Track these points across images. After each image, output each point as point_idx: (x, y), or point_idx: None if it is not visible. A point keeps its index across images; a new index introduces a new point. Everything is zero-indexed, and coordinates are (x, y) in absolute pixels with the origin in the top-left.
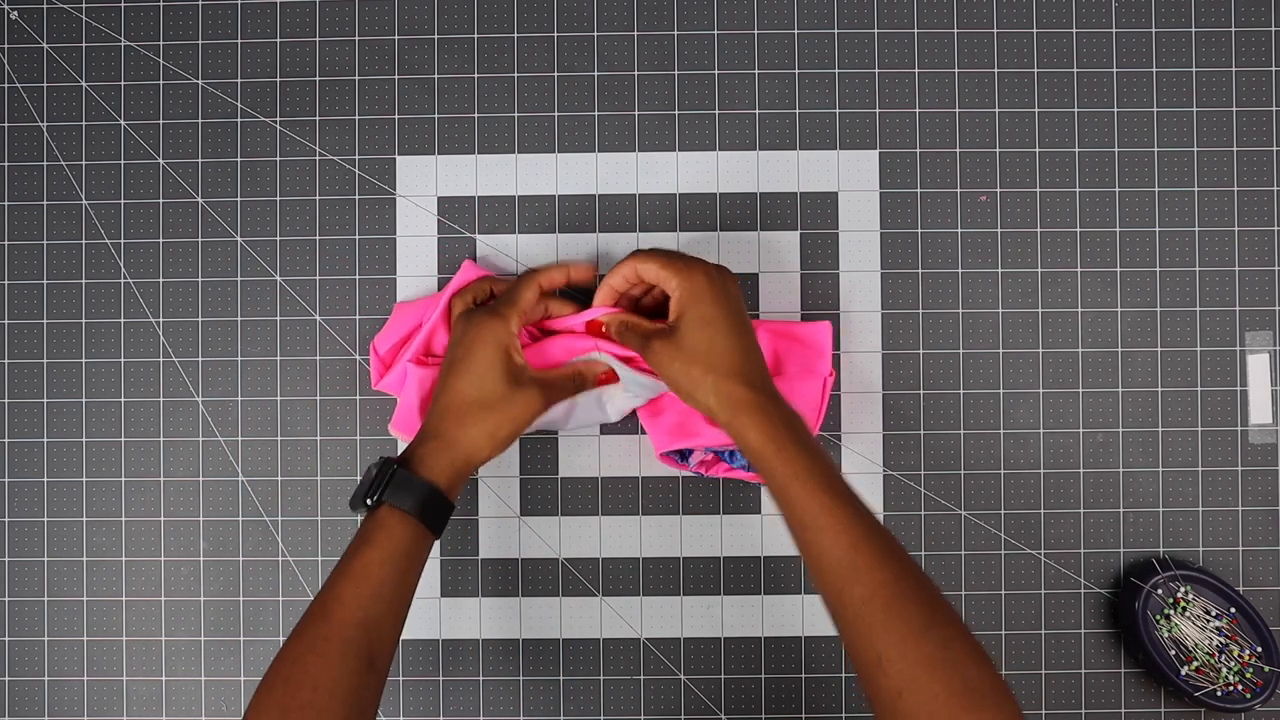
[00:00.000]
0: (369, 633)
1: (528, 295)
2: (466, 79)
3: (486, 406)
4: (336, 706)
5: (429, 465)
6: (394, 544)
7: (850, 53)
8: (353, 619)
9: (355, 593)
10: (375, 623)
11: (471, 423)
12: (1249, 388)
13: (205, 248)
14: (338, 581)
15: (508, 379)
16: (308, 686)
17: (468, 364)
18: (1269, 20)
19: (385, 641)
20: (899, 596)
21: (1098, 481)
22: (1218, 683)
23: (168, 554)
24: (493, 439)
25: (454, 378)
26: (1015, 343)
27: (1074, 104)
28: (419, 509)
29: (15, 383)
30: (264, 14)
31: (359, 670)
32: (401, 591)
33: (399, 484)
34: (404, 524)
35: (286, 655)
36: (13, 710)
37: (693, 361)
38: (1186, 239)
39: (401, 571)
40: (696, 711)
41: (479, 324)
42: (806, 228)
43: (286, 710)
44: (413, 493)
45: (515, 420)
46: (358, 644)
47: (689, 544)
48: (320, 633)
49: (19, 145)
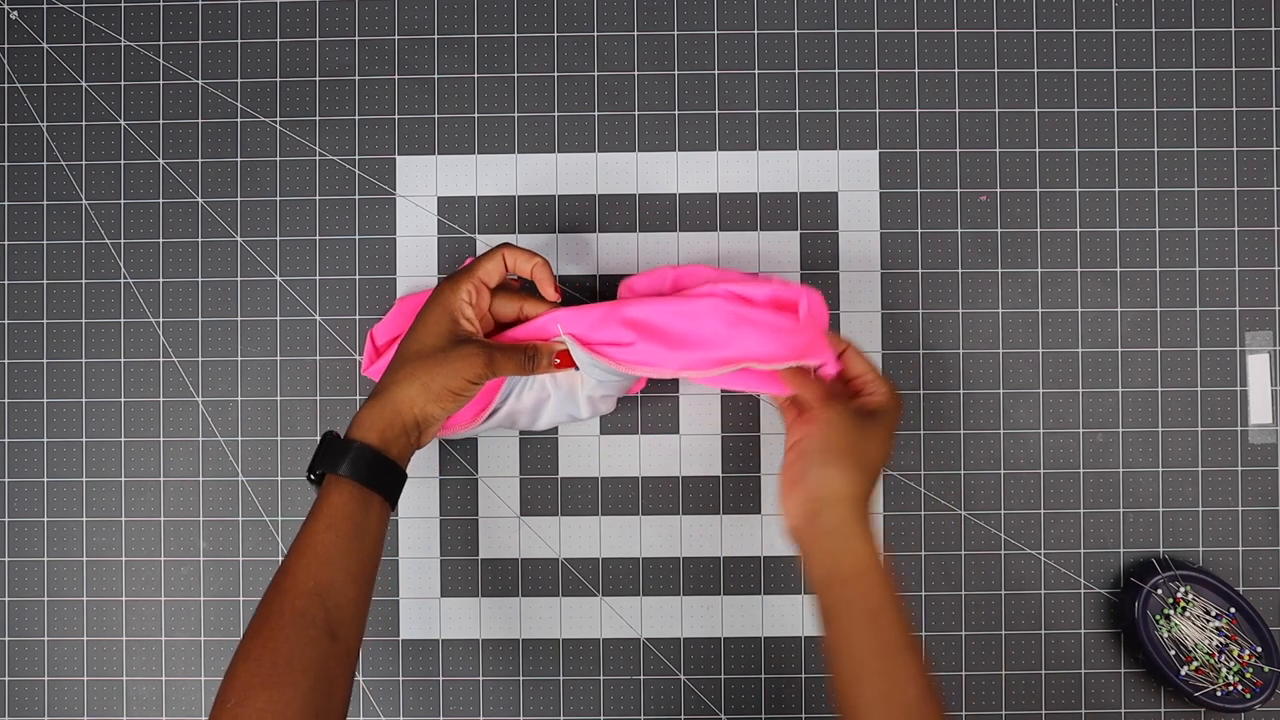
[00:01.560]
0: (323, 600)
1: (488, 265)
2: (466, 79)
3: (422, 359)
4: (299, 679)
5: (360, 424)
6: (334, 509)
7: (850, 53)
8: (303, 588)
9: (303, 562)
10: (328, 589)
11: (405, 376)
12: (1249, 388)
13: (205, 248)
14: (288, 556)
15: (448, 335)
16: (267, 662)
17: (416, 324)
18: (1269, 20)
19: (344, 609)
20: None
21: (1098, 481)
22: (1218, 683)
23: (168, 554)
24: (426, 390)
25: (404, 339)
26: (1015, 343)
27: (1074, 104)
28: (352, 470)
29: (15, 383)
30: (264, 14)
31: (319, 640)
32: (355, 556)
33: (331, 450)
34: (340, 486)
35: (247, 634)
36: (13, 710)
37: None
38: (1186, 239)
39: (349, 535)
40: (696, 711)
41: (436, 290)
42: (806, 228)
43: (250, 688)
44: (345, 455)
45: (451, 374)
46: (312, 614)
47: (689, 544)
48: (274, 606)
49: (19, 145)
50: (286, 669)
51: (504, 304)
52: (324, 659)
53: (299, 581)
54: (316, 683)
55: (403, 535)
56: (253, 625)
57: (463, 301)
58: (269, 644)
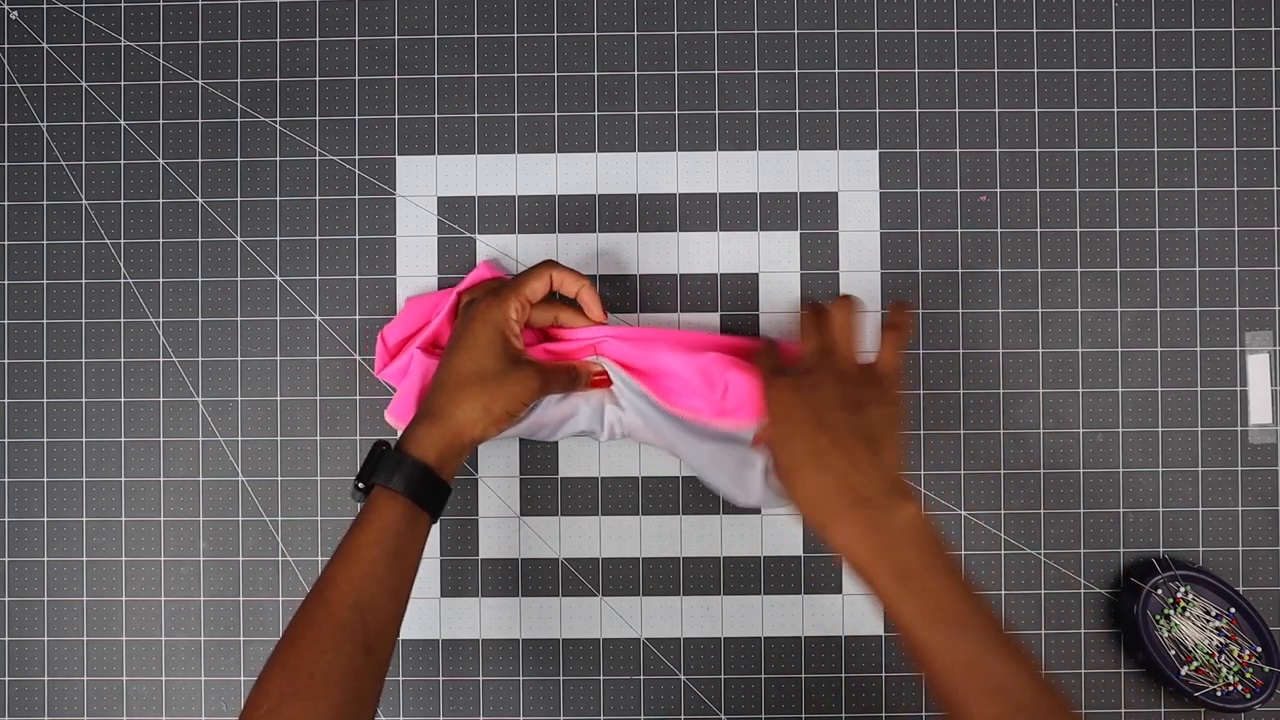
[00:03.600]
0: (364, 615)
1: (535, 284)
2: (466, 79)
3: (482, 381)
4: (333, 691)
5: (419, 442)
6: (384, 524)
7: (850, 53)
8: (346, 601)
9: (348, 575)
10: (369, 605)
11: (466, 398)
12: (1249, 388)
13: (205, 248)
14: (331, 565)
15: (505, 356)
16: (304, 672)
17: (466, 342)
18: (1269, 20)
19: (382, 625)
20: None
21: (1098, 481)
22: (1218, 683)
23: (168, 554)
24: (487, 413)
25: (452, 356)
26: (1015, 343)
27: (1074, 104)
28: (407, 487)
29: (15, 383)
30: (264, 14)
31: (354, 654)
32: (397, 573)
33: (387, 464)
34: (394, 503)
35: (284, 641)
36: (13, 710)
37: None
38: (1186, 239)
39: (394, 552)
40: (696, 711)
41: (479, 305)
42: (806, 228)
43: (284, 696)
44: (401, 471)
45: (511, 397)
46: (352, 627)
47: (689, 544)
48: (314, 617)
49: (19, 145)
50: (323, 681)
51: (540, 313)
52: (359, 672)
53: (342, 594)
54: (349, 695)
55: None
56: (291, 633)
57: (512, 320)
58: (306, 654)
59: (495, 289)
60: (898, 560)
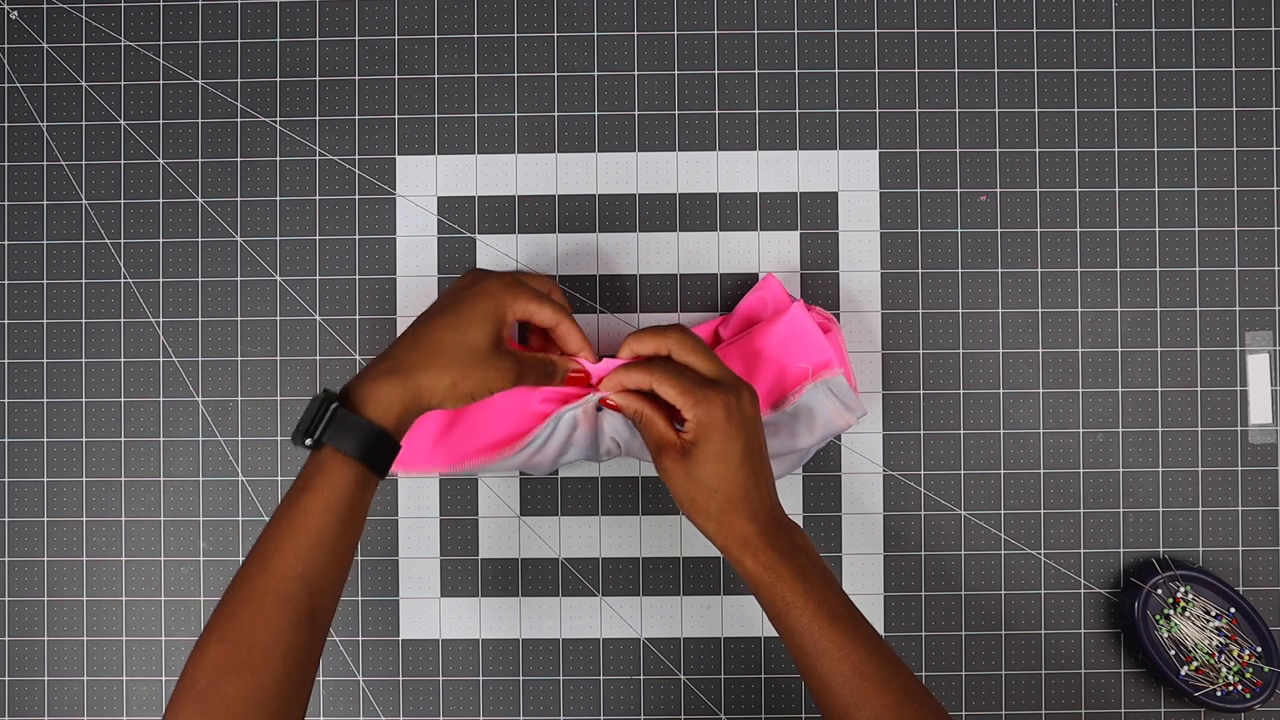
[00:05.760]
0: (309, 585)
1: (546, 313)
2: (466, 79)
3: (459, 356)
4: (274, 664)
5: (379, 401)
6: (335, 490)
7: (850, 53)
8: (291, 571)
9: (293, 544)
10: (316, 574)
11: (439, 365)
12: (1249, 388)
13: (205, 248)
14: (276, 530)
15: (491, 339)
16: (244, 645)
17: (460, 308)
18: (1269, 20)
19: (327, 593)
20: (903, 719)
21: (1098, 481)
22: (1218, 683)
23: (168, 554)
24: (454, 389)
25: (438, 317)
26: (1015, 343)
27: (1074, 104)
28: (362, 452)
29: (15, 383)
30: (264, 14)
31: (297, 625)
32: (345, 540)
33: (341, 424)
34: (346, 467)
35: (223, 610)
36: (13, 710)
37: (700, 490)
38: (1186, 239)
39: (343, 519)
40: (696, 711)
41: (491, 282)
42: (806, 228)
43: (222, 670)
44: (355, 434)
45: (484, 381)
46: (296, 598)
47: (689, 544)
48: (257, 586)
49: (19, 145)
50: (263, 655)
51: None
52: (302, 644)
53: (287, 564)
54: (291, 668)
55: (403, 535)
56: (229, 602)
57: (513, 315)
58: (247, 627)
59: (514, 277)
60: (800, 566)
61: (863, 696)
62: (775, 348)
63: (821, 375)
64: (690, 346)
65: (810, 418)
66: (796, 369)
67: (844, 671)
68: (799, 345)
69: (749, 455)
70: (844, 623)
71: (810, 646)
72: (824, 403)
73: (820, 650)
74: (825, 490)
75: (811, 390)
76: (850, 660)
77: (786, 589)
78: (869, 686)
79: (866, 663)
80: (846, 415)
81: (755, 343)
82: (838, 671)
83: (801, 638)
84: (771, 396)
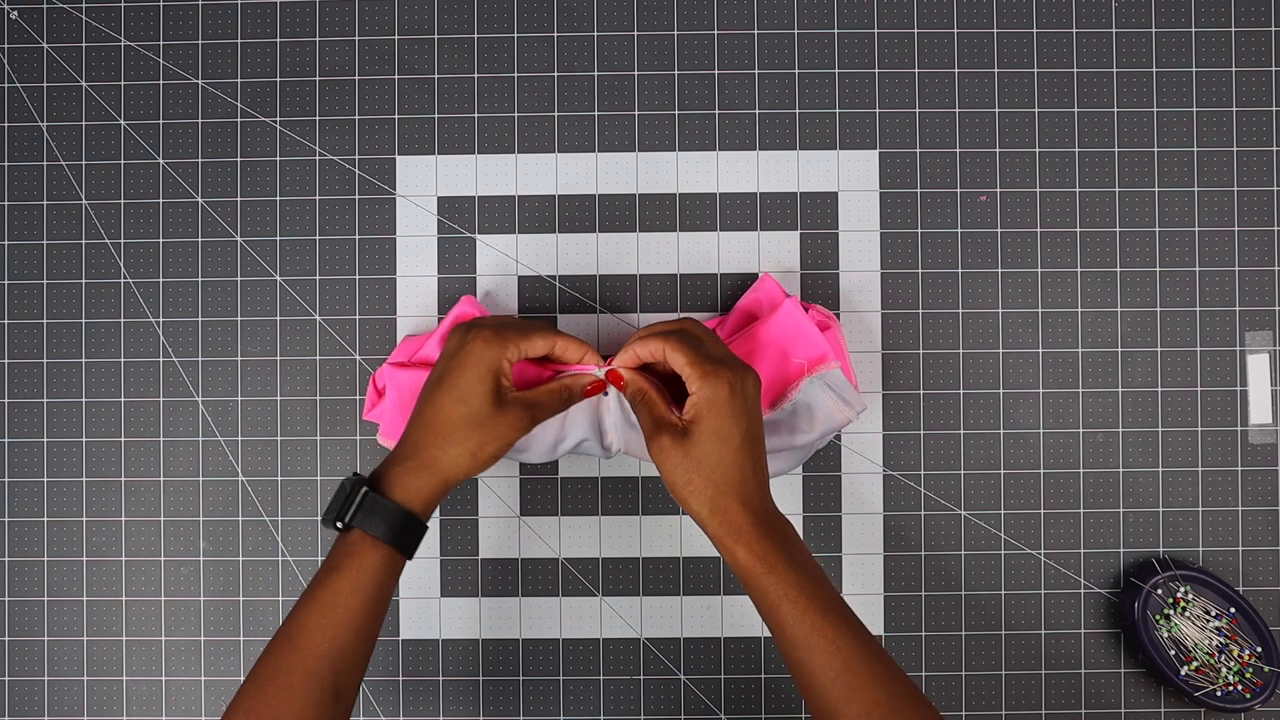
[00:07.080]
0: (335, 664)
1: (537, 342)
2: (466, 79)
3: (469, 425)
4: None
5: (404, 486)
6: (364, 572)
7: (850, 53)
8: (319, 650)
9: (323, 623)
10: (342, 653)
11: (454, 442)
12: (1249, 388)
13: (205, 248)
14: (305, 609)
15: (493, 397)
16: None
17: (456, 378)
18: (1269, 20)
19: (352, 671)
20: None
21: (1098, 481)
22: (1217, 683)
23: (168, 554)
24: (475, 458)
25: (439, 393)
26: (1015, 343)
27: (1074, 104)
28: (391, 535)
29: (15, 383)
30: (264, 14)
31: (322, 702)
32: (371, 620)
33: (369, 508)
34: (375, 550)
35: (250, 684)
36: (13, 710)
37: (696, 471)
38: (1186, 239)
39: (371, 600)
40: (696, 711)
41: (474, 343)
42: (806, 228)
43: None
44: (385, 518)
45: (499, 439)
46: (323, 676)
47: (689, 544)
48: (284, 663)
49: (19, 145)
50: None
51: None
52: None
53: (315, 642)
54: None
55: None
56: (257, 677)
57: (507, 364)
58: (273, 703)
59: (497, 327)
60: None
61: (854, 692)
62: (770, 345)
63: (818, 369)
64: (700, 331)
65: (809, 413)
66: (792, 365)
67: (835, 666)
68: (794, 341)
69: (749, 440)
70: (836, 617)
71: (802, 640)
72: (822, 398)
73: (812, 644)
74: (825, 490)
75: (809, 385)
76: (842, 655)
77: (779, 581)
78: (860, 681)
79: (858, 658)
80: (846, 410)
81: (751, 341)
82: (829, 666)
83: (793, 631)
84: (770, 394)
